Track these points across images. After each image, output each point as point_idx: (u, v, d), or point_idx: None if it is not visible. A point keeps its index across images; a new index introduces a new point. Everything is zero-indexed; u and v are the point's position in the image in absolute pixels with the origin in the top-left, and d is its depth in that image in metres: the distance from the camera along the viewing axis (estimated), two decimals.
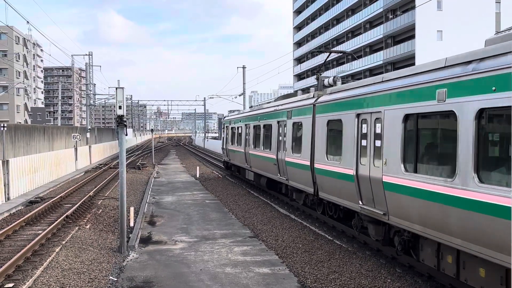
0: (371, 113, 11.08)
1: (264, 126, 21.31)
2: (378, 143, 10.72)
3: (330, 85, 16.16)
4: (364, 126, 11.42)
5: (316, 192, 14.97)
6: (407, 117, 9.48)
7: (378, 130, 10.75)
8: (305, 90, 23.40)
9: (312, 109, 15.20)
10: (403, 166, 9.51)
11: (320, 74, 17.62)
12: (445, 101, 8.21)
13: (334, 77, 16.37)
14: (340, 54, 79.20)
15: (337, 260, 11.60)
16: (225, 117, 35.94)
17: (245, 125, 25.11)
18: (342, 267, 10.99)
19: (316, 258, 11.88)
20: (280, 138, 18.72)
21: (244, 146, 25.29)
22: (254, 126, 23.02)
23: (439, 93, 8.41)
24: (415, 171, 9.13)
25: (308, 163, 15.31)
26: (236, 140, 27.90)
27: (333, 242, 13.38)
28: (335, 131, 13.44)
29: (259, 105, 26.06)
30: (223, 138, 32.81)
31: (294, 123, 17.24)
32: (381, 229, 11.16)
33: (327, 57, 20.25)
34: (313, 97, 15.69)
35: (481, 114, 7.43)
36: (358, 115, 11.78)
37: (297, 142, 16.78)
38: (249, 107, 30.24)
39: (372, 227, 11.44)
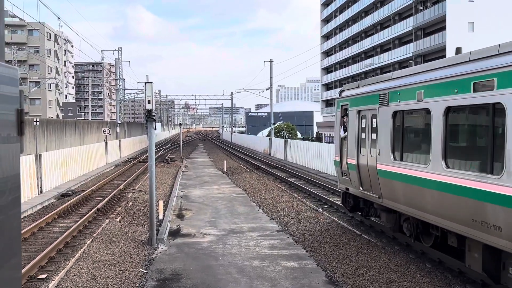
0: None
1: None
2: None
3: None
4: None
5: None
6: None
7: None
8: None
9: None
10: None
11: None
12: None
13: None
14: (368, 46, 78.35)
15: (365, 254, 11.52)
16: (345, 91, 15.19)
17: None
18: (370, 262, 10.91)
19: (344, 253, 11.82)
20: None
21: None
22: None
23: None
24: None
25: None
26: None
27: (361, 237, 13.29)
28: None
29: None
30: (345, 139, 14.44)
31: None
32: None
33: None
34: None
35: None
36: None
37: None
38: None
39: None
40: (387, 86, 11.80)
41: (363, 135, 13.05)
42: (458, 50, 9.78)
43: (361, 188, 13.13)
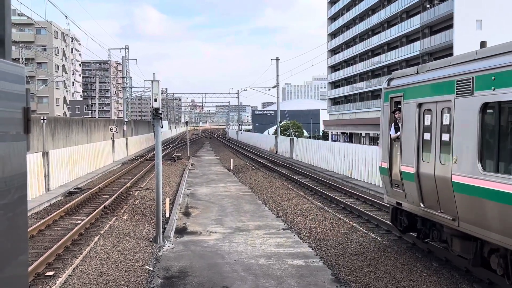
0: None
1: None
2: None
3: None
4: None
5: None
6: None
7: None
8: None
9: None
10: None
11: None
12: None
13: None
14: (375, 44, 78.08)
15: (371, 253, 11.50)
16: (395, 79, 12.10)
17: None
18: (376, 260, 10.89)
19: (350, 251, 11.80)
20: None
21: None
22: None
23: None
24: None
25: None
26: None
27: (368, 235, 13.27)
28: None
29: None
30: (397, 140, 11.55)
31: None
32: None
33: None
34: None
35: None
36: None
37: None
38: None
39: None
40: (469, 69, 8.53)
41: (427, 136, 10.07)
42: None
43: (422, 204, 10.25)
